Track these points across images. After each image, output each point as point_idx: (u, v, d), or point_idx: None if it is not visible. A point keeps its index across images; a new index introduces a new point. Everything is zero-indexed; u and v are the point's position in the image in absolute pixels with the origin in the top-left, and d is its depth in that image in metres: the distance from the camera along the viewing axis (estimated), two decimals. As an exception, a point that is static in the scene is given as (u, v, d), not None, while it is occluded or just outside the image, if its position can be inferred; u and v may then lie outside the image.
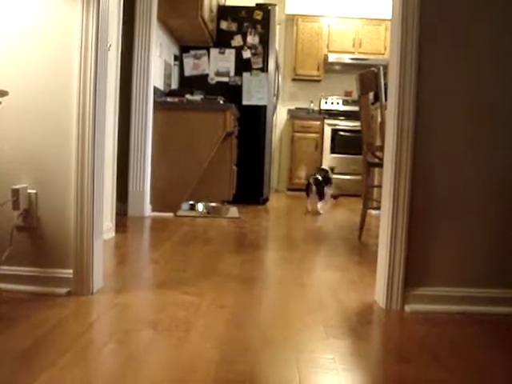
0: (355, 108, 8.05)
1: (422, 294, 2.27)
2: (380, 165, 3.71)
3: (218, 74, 6.34)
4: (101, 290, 2.35)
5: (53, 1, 2.22)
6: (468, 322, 2.13)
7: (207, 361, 1.63)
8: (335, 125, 8.22)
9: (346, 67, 8.54)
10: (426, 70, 2.24)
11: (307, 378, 1.56)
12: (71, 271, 2.27)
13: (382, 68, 3.74)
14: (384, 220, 2.35)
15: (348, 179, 8.04)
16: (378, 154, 3.96)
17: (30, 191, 2.27)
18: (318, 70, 8.56)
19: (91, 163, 2.25)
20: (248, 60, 6.36)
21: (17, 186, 2.24)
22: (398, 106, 2.25)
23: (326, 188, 5.81)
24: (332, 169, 6.33)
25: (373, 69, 3.81)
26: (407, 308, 2.26)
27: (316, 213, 5.78)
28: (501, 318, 2.21)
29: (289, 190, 8.46)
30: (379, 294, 2.35)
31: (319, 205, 5.80)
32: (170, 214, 5.04)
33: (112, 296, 2.28)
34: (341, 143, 8.21)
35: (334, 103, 8.71)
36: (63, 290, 2.25)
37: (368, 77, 3.92)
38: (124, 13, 3.90)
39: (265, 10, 6.38)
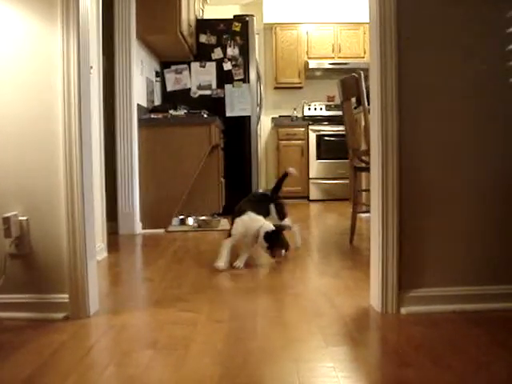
0: (339, 112, 8.06)
1: (417, 296, 2.29)
2: (367, 169, 3.73)
3: (200, 87, 6.37)
4: (97, 313, 2.35)
5: (34, 26, 2.23)
6: (464, 321, 2.15)
7: (209, 377, 1.64)
8: (320, 130, 8.25)
9: (327, 72, 8.59)
10: (406, 72, 2.26)
11: (309, 387, 1.57)
12: (67, 295, 2.27)
13: (362, 73, 3.78)
14: (374, 224, 2.37)
15: (336, 183, 8.06)
16: (364, 158, 3.98)
17: (20, 218, 2.27)
18: (299, 76, 8.59)
19: (80, 186, 2.26)
20: (229, 72, 6.39)
21: (7, 214, 2.24)
22: (380, 110, 2.27)
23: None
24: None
25: (353, 74, 3.84)
26: (403, 310, 2.28)
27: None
28: (496, 314, 2.23)
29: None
30: (374, 298, 2.36)
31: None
32: (161, 231, 5.04)
33: (109, 317, 2.28)
34: (326, 148, 8.24)
35: (318, 109, 8.75)
36: (60, 315, 2.25)
37: (349, 82, 3.95)
38: (103, 33, 3.91)
39: (243, 21, 6.42)
